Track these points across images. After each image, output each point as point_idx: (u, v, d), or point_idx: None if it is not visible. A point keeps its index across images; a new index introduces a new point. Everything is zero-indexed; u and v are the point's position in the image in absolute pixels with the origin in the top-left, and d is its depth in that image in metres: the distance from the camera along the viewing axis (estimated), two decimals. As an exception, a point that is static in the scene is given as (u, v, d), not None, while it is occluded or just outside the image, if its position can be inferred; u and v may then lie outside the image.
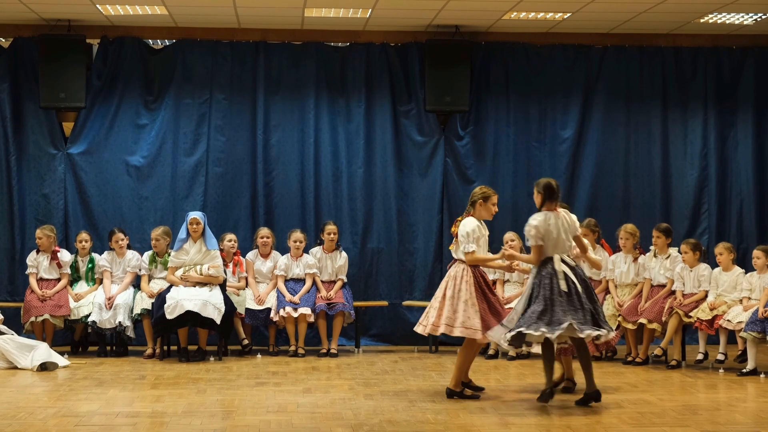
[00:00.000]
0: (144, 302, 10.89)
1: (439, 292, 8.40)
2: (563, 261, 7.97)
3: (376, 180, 12.26)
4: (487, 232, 8.48)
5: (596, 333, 7.83)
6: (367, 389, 8.78)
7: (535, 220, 8.02)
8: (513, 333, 7.88)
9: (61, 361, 10.08)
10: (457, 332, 8.20)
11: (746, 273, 10.15)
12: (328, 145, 12.22)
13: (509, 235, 10.92)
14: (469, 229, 8.29)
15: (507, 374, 9.38)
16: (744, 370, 9.60)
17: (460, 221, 8.44)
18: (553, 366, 8.11)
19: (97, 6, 11.01)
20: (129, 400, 8.27)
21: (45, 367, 9.83)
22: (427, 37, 12.09)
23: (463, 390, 8.37)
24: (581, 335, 7.82)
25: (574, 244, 8.22)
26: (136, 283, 11.19)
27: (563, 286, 7.83)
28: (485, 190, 8.51)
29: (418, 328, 8.51)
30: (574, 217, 8.18)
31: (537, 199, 8.17)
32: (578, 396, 8.15)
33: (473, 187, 11.99)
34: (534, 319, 7.82)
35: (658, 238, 10.66)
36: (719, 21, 11.78)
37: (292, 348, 11.07)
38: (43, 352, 9.99)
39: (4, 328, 10.29)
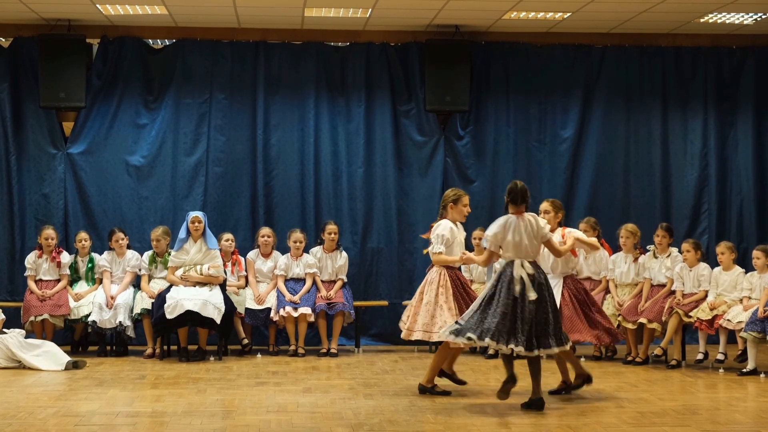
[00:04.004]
0: (144, 302, 10.89)
1: (416, 296, 8.56)
2: (523, 266, 7.77)
3: (376, 180, 12.26)
4: (463, 234, 8.62)
5: (525, 352, 7.66)
6: (367, 389, 8.78)
7: (494, 226, 7.91)
8: (463, 334, 7.78)
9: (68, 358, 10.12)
10: (435, 337, 8.32)
11: (746, 273, 10.15)
12: (328, 145, 12.22)
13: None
14: (441, 231, 8.49)
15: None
16: (744, 370, 9.60)
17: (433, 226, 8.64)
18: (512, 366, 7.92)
19: (97, 6, 11.01)
20: (129, 400, 8.27)
21: (76, 365, 9.87)
22: (427, 37, 12.09)
23: (435, 386, 8.49)
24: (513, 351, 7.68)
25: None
26: (136, 283, 11.19)
27: (516, 290, 7.67)
28: (455, 192, 8.66)
29: (403, 332, 8.57)
30: (542, 222, 8.00)
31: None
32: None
33: (474, 186, 12.14)
34: (493, 329, 7.66)
35: (663, 237, 10.66)
36: (719, 21, 11.78)
37: (292, 348, 11.07)
38: (57, 349, 10.01)
39: (6, 330, 10.27)
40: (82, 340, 11.35)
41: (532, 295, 7.65)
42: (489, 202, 12.26)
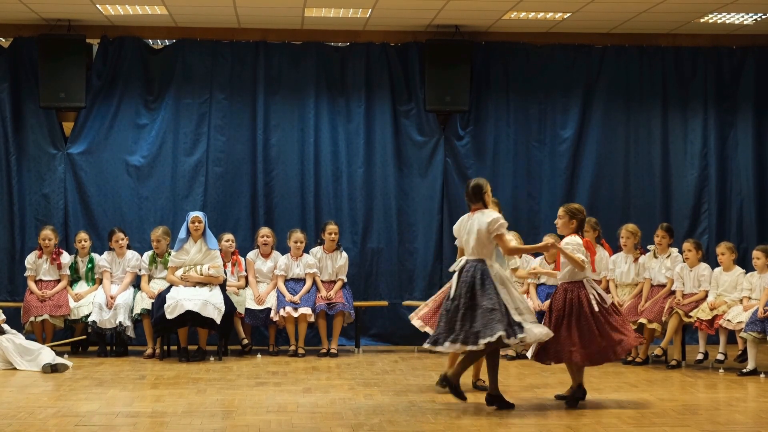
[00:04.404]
0: (144, 302, 10.89)
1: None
2: (459, 264, 7.96)
3: (376, 180, 12.26)
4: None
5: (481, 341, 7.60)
6: (367, 389, 8.78)
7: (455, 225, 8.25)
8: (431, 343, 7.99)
9: (67, 362, 10.07)
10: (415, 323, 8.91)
11: (746, 273, 10.15)
12: (328, 145, 12.22)
13: None
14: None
15: (507, 374, 9.38)
16: (744, 370, 9.60)
17: None
18: (497, 370, 7.87)
19: (97, 6, 11.01)
20: (129, 400, 8.27)
21: (56, 368, 9.79)
22: (427, 37, 12.09)
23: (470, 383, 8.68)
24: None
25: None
26: (136, 283, 11.19)
27: (453, 290, 7.87)
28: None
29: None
30: (491, 218, 7.83)
31: None
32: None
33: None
34: (444, 332, 7.85)
35: (663, 237, 10.66)
36: (719, 21, 11.78)
37: (292, 348, 11.07)
38: (48, 355, 9.95)
39: (7, 327, 10.26)
40: (82, 340, 11.34)
41: (452, 292, 7.84)
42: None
